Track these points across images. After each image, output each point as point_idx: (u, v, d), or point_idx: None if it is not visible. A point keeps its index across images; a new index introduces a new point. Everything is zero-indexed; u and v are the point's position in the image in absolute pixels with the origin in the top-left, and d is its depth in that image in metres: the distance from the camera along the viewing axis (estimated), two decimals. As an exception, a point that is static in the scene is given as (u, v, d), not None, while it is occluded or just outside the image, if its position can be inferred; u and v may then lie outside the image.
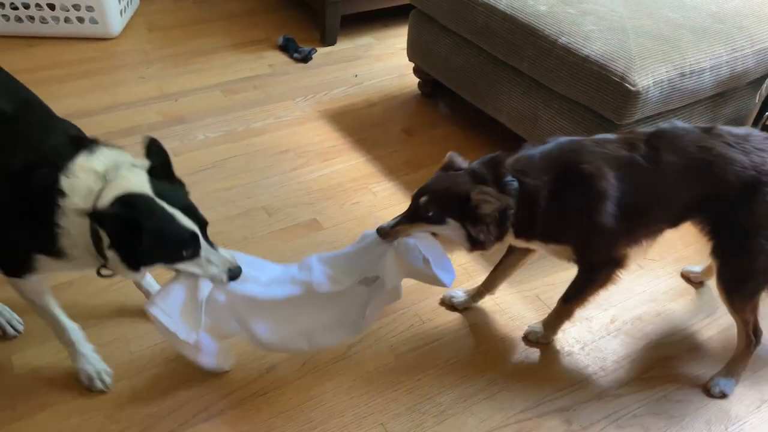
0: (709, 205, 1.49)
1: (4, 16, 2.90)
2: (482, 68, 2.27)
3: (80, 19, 2.92)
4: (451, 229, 1.41)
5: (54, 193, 1.22)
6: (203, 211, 1.31)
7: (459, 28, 2.29)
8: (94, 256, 1.27)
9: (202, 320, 1.34)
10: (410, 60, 2.71)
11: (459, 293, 1.83)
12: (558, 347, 1.74)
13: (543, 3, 2.08)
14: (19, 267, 1.37)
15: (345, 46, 3.16)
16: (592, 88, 1.86)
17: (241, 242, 1.98)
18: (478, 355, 1.71)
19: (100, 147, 1.30)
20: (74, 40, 2.97)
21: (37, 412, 1.49)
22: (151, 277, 1.68)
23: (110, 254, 1.23)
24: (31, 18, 2.91)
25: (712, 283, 1.83)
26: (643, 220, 1.53)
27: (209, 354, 1.46)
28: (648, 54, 1.83)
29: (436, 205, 1.39)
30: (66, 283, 1.75)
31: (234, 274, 1.34)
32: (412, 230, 1.42)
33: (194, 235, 1.27)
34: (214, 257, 1.32)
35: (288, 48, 3.04)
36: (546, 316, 1.73)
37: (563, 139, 1.50)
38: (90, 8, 2.88)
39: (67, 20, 2.92)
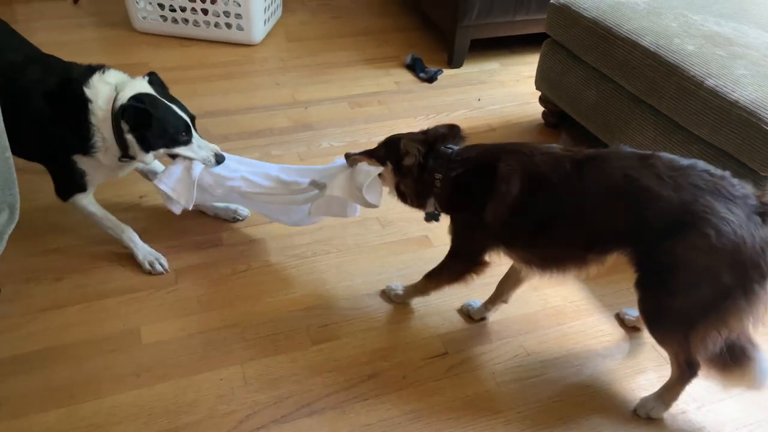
0: (633, 237, 1.40)
1: (162, 17, 3.19)
2: (616, 103, 2.21)
3: (228, 26, 3.15)
4: (387, 171, 1.64)
5: (83, 99, 1.63)
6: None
7: (595, 61, 2.25)
8: (114, 147, 1.68)
9: (194, 193, 1.78)
10: (537, 89, 2.69)
11: (476, 303, 1.85)
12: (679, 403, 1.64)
13: (690, 43, 2.00)
14: (74, 183, 1.78)
15: (471, 69, 3.19)
16: (738, 135, 1.76)
17: (352, 249, 2.04)
18: (583, 397, 1.65)
19: (109, 69, 1.71)
20: (220, 44, 3.21)
21: (158, 383, 1.60)
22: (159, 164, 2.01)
23: (129, 138, 1.64)
24: (186, 21, 3.18)
25: None
26: (540, 236, 1.51)
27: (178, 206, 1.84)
28: (806, 104, 1.71)
29: (384, 149, 1.64)
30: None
31: (219, 159, 1.76)
32: (365, 161, 1.67)
33: (188, 123, 1.70)
34: (203, 144, 1.75)
35: (415, 67, 3.11)
36: (413, 284, 1.81)
37: (519, 143, 1.57)
38: (238, 16, 3.10)
39: (216, 25, 3.16)
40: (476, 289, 1.80)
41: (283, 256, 1.97)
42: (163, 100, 1.68)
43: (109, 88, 1.66)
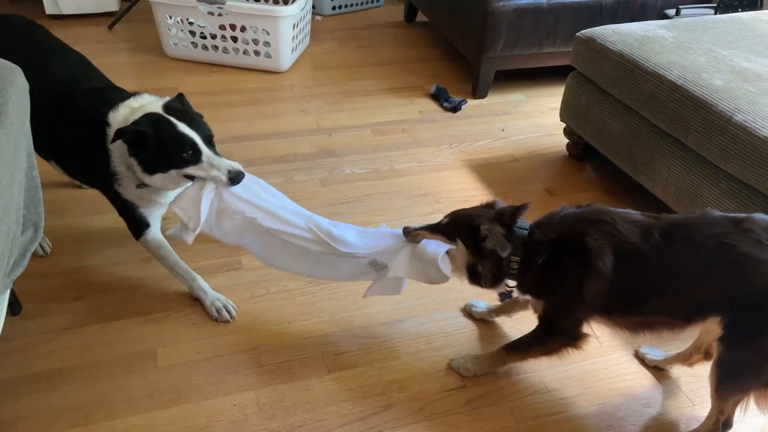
0: (730, 303, 1.35)
1: (193, 43, 3.27)
2: (642, 137, 2.19)
3: (257, 53, 3.22)
4: (458, 250, 1.54)
5: (104, 125, 1.60)
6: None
7: (621, 94, 2.24)
8: (131, 174, 1.62)
9: (201, 215, 1.60)
10: (562, 120, 2.68)
11: (481, 304, 1.89)
12: (698, 447, 1.58)
13: (719, 78, 1.97)
14: (132, 218, 1.75)
15: (495, 100, 3.19)
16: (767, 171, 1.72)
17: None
18: (604, 437, 1.60)
19: (143, 93, 1.69)
20: (248, 70, 3.27)
21: (171, 406, 1.59)
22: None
23: (132, 162, 1.57)
24: (216, 48, 3.25)
25: None
26: (635, 310, 1.48)
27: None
28: (840, 142, 1.67)
29: (454, 225, 1.56)
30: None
31: (234, 176, 1.58)
32: (430, 238, 1.58)
33: (192, 140, 1.56)
34: (216, 162, 1.58)
35: (439, 97, 3.13)
36: (487, 355, 1.73)
37: (594, 206, 1.52)
38: (267, 44, 3.16)
39: (245, 53, 3.23)
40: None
41: (302, 282, 1.96)
42: (170, 118, 1.57)
43: (128, 112, 1.61)
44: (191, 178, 1.62)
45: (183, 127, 1.57)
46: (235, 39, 3.20)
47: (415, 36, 3.86)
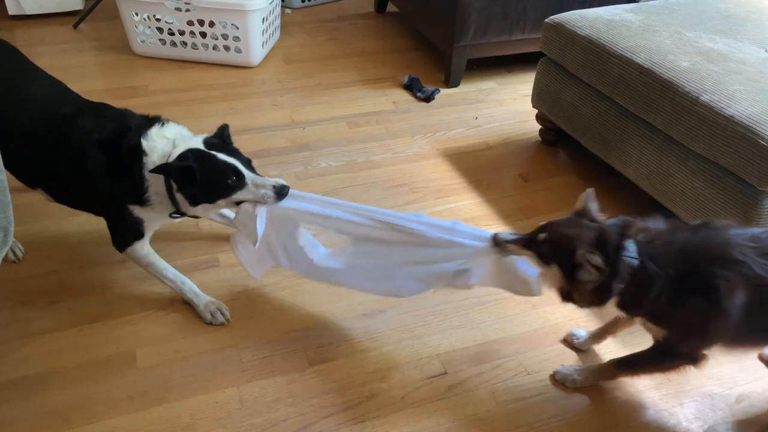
0: None
1: (161, 40, 3.22)
2: (612, 120, 2.21)
3: (227, 48, 3.18)
4: (552, 273, 1.42)
5: (139, 151, 1.60)
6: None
7: (591, 78, 2.26)
8: (166, 202, 1.64)
9: (257, 227, 1.61)
10: (534, 107, 2.70)
11: (581, 333, 1.80)
12: (675, 421, 1.62)
13: (685, 59, 2.01)
14: (130, 231, 1.73)
15: (468, 88, 3.20)
16: (734, 150, 1.76)
17: (352, 269, 2.03)
18: (584, 416, 1.62)
19: (168, 121, 1.69)
20: (219, 66, 3.24)
21: (153, 406, 1.58)
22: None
23: (178, 197, 1.60)
24: (184, 44, 3.21)
25: None
26: (758, 340, 1.47)
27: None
28: (802, 119, 1.71)
29: (549, 246, 1.41)
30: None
31: (279, 191, 1.60)
32: (521, 254, 1.48)
33: (234, 166, 1.58)
34: (260, 181, 1.60)
35: (412, 87, 3.13)
36: (594, 367, 1.70)
37: (712, 227, 1.39)
38: (236, 38, 3.13)
39: (215, 48, 3.19)
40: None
41: (281, 277, 1.95)
42: (210, 152, 1.59)
43: (165, 143, 1.62)
44: (237, 203, 1.63)
45: (224, 157, 1.59)
46: (204, 34, 3.16)
47: (387, 27, 3.85)
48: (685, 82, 1.91)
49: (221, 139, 1.68)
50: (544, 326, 1.86)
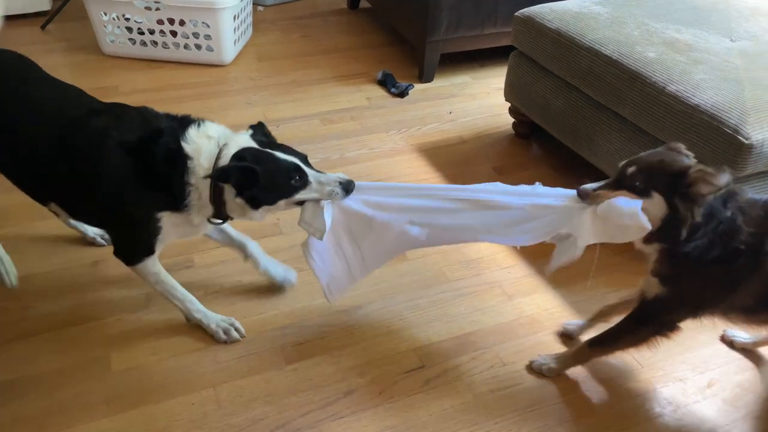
0: None
1: (131, 39, 3.17)
2: (583, 112, 2.24)
3: (198, 47, 3.15)
4: (654, 203, 1.35)
5: (182, 156, 1.46)
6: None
7: (561, 71, 2.28)
8: (208, 207, 1.52)
9: (324, 221, 1.50)
10: (507, 100, 2.72)
11: (574, 324, 1.82)
12: (648, 406, 1.65)
13: (652, 50, 2.04)
14: (144, 244, 1.59)
15: (441, 83, 3.21)
16: (701, 138, 1.79)
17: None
18: (559, 405, 1.64)
19: (205, 121, 1.56)
20: (190, 65, 3.20)
21: (129, 409, 1.57)
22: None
23: (239, 202, 1.47)
24: (155, 43, 3.17)
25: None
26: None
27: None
28: (764, 107, 1.75)
29: (644, 177, 1.35)
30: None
31: (346, 186, 1.50)
32: (614, 197, 1.39)
33: (296, 164, 1.47)
34: (324, 179, 1.50)
35: (386, 83, 3.13)
36: (570, 352, 1.71)
37: None
38: (207, 37, 3.10)
39: (186, 47, 3.16)
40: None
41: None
42: (266, 150, 1.48)
43: (211, 145, 1.49)
44: (299, 203, 1.53)
45: (282, 155, 1.48)
46: (174, 33, 3.12)
47: (360, 23, 3.85)
48: (651, 72, 1.94)
49: (265, 136, 1.57)
50: (519, 317, 1.88)
